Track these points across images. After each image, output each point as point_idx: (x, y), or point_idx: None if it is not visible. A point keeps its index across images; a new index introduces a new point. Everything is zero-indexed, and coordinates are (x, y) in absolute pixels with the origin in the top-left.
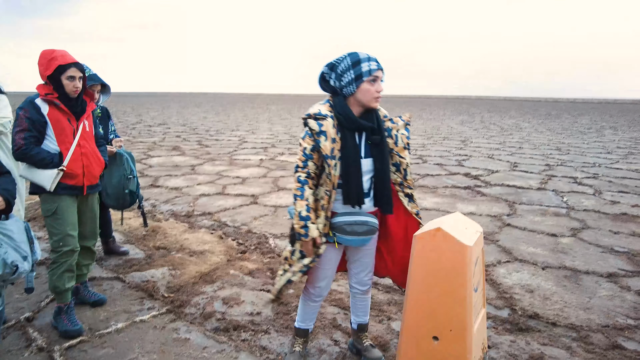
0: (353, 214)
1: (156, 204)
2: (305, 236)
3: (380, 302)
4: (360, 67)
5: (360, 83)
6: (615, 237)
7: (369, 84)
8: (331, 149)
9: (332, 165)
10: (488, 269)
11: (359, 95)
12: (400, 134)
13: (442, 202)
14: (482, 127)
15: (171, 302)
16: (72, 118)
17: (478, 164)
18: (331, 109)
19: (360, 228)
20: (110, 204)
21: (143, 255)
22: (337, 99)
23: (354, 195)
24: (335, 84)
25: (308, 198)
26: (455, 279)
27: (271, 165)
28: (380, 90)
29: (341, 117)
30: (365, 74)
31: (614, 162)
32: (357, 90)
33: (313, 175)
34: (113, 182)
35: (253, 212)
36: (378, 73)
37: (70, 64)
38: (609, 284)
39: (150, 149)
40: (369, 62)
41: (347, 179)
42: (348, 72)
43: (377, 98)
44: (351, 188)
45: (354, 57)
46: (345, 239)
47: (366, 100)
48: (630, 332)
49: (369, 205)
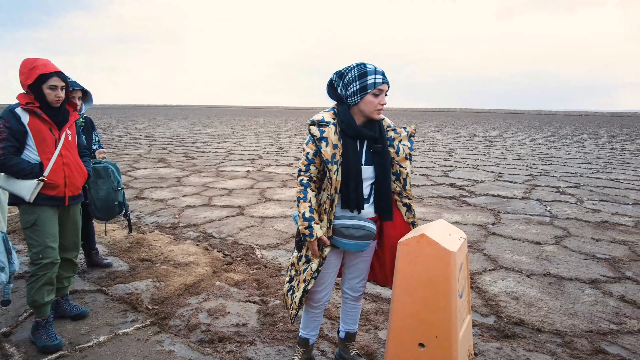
0: (351, 218)
1: (141, 216)
2: (310, 236)
3: (367, 312)
4: (366, 80)
5: (364, 95)
6: (597, 244)
7: (372, 96)
8: (332, 155)
9: (332, 170)
10: (474, 277)
11: (362, 106)
12: (403, 144)
13: (428, 211)
14: (467, 138)
15: (155, 314)
16: (54, 128)
17: (463, 175)
18: (334, 117)
19: (357, 232)
20: (99, 217)
21: (127, 267)
22: (341, 107)
23: (353, 201)
24: (341, 92)
25: (311, 200)
26: (439, 284)
27: (258, 176)
28: (383, 103)
29: (343, 125)
30: (370, 86)
31: (595, 172)
32: (361, 101)
33: (315, 179)
34: (100, 194)
35: (239, 223)
36: (383, 87)
37: (52, 73)
38: (592, 290)
39: (136, 161)
40: (375, 76)
41: (347, 184)
42: (354, 83)
43: (379, 110)
44: (350, 193)
45: (362, 68)
46: (343, 243)
47: (369, 112)
48: (612, 336)
49: (370, 211)
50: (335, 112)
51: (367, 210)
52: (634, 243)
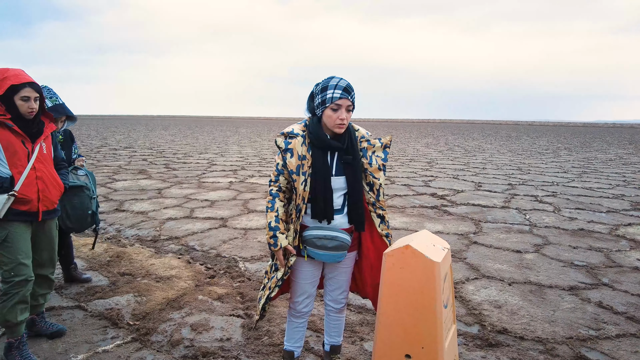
0: (324, 229)
1: (121, 229)
2: (274, 245)
3: (353, 323)
4: (326, 94)
5: (324, 108)
6: (575, 251)
7: (331, 110)
8: (297, 166)
9: (298, 181)
10: (457, 286)
11: (324, 119)
12: (376, 155)
13: (410, 221)
14: (447, 149)
15: (136, 330)
16: (27, 140)
17: (444, 184)
18: (304, 129)
19: (330, 243)
20: (71, 227)
21: (107, 282)
22: (312, 119)
23: (321, 211)
24: (315, 104)
25: (278, 209)
26: (425, 295)
27: (241, 187)
28: (342, 117)
29: (312, 136)
30: (328, 100)
31: (570, 181)
32: (322, 115)
33: (284, 189)
34: (74, 201)
35: (222, 235)
36: (341, 102)
37: (24, 84)
38: (571, 297)
39: (116, 172)
40: (335, 90)
41: (315, 195)
42: (318, 96)
43: (340, 125)
44: (318, 203)
45: (326, 82)
46: (317, 253)
47: (330, 125)
48: (592, 342)
49: (343, 222)
50: (306, 125)
51: (341, 220)
52: (609, 250)
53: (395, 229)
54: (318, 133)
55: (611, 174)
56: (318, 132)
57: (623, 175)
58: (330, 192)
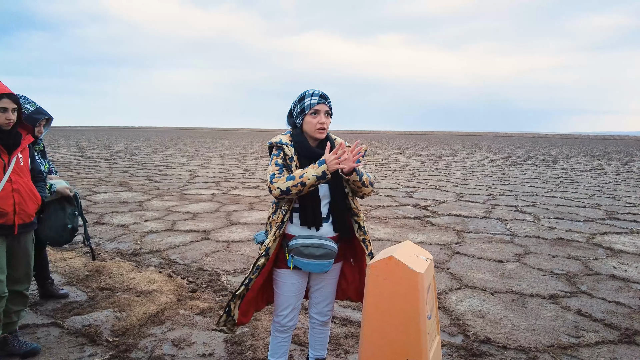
0: (310, 237)
1: (101, 242)
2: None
3: (337, 336)
4: (304, 102)
5: (304, 116)
6: (554, 260)
7: (310, 116)
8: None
9: None
10: (440, 296)
11: (305, 127)
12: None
13: (393, 232)
14: (429, 160)
15: (116, 346)
16: (3, 152)
17: (426, 195)
18: (291, 139)
19: (317, 251)
20: (50, 236)
21: (85, 297)
22: (295, 131)
23: (310, 217)
24: (294, 116)
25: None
26: (408, 306)
27: (224, 199)
28: (322, 122)
29: (297, 146)
30: (307, 107)
31: (549, 191)
32: (303, 123)
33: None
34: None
35: (204, 248)
36: (319, 107)
37: (2, 95)
38: (552, 305)
39: (96, 184)
40: (312, 97)
41: (304, 203)
42: (297, 107)
43: (320, 130)
44: (307, 210)
45: (302, 93)
46: (305, 263)
47: (311, 132)
48: (572, 350)
49: (329, 230)
50: (291, 135)
51: (327, 229)
52: (587, 258)
53: (378, 239)
54: (303, 142)
55: (587, 184)
56: (303, 141)
57: (598, 185)
58: (319, 198)
